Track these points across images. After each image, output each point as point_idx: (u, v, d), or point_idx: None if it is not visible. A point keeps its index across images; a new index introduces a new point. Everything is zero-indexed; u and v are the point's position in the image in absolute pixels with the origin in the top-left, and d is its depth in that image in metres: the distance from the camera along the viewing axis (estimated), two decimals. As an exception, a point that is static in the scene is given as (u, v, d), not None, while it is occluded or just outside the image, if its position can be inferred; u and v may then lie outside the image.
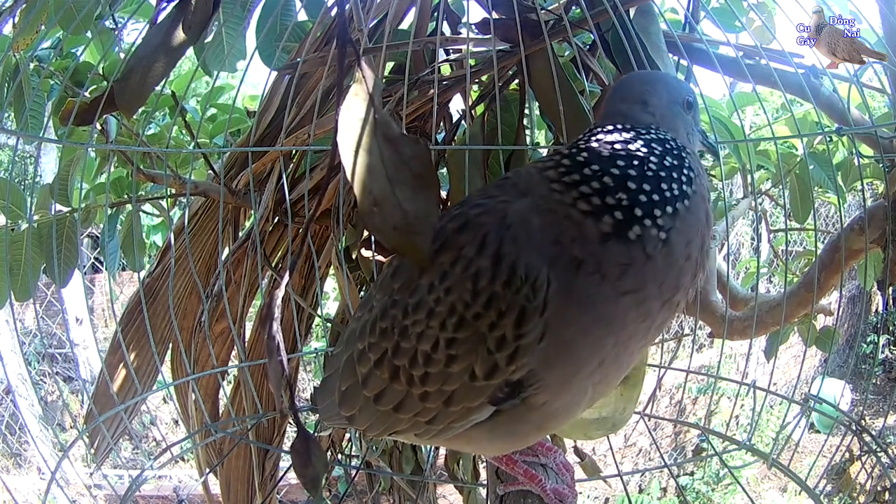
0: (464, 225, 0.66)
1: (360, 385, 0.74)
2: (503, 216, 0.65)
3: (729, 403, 4.74)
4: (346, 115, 0.55)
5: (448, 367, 0.65)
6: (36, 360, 4.86)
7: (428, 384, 0.67)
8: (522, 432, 0.71)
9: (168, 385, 1.45)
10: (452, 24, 1.41)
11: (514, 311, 0.61)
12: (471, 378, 0.65)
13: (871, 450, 1.05)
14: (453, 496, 3.39)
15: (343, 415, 0.78)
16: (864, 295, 4.12)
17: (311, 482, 0.55)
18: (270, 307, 0.54)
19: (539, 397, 0.65)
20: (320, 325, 2.35)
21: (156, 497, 3.87)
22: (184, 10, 0.80)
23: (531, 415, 0.67)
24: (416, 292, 0.67)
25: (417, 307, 0.66)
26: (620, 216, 0.63)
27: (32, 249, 1.34)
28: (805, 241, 3.64)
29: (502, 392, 0.65)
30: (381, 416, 0.73)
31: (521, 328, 0.62)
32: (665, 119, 0.74)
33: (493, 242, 0.63)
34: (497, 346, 0.63)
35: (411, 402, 0.70)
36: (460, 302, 0.63)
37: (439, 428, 0.70)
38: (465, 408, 0.67)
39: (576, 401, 0.69)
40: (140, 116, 1.63)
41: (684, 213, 0.65)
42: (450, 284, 0.64)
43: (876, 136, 1.19)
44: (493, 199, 0.68)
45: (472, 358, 0.64)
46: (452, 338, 0.64)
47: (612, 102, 0.76)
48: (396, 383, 0.70)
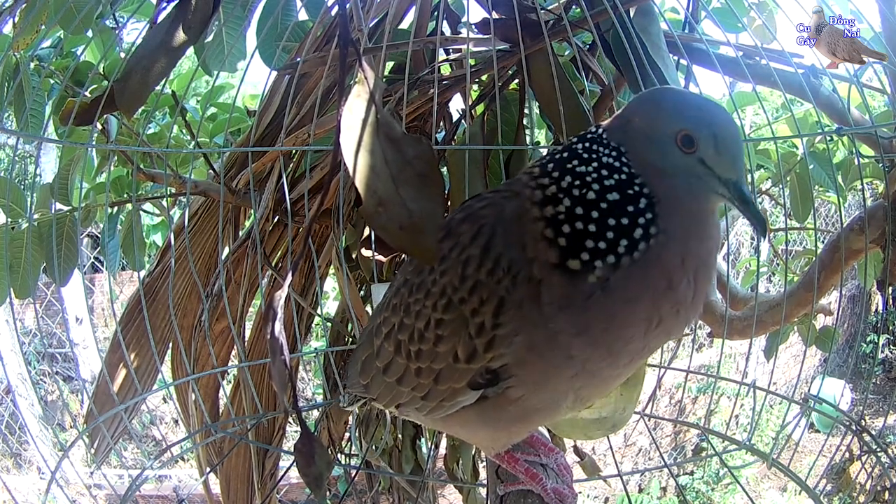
0: (468, 216, 0.69)
1: (375, 355, 0.78)
2: (501, 210, 0.67)
3: (729, 403, 4.74)
4: (348, 115, 0.55)
5: (436, 346, 0.68)
6: (36, 359, 4.85)
7: (420, 360, 0.70)
8: (507, 420, 0.73)
9: (168, 385, 1.45)
10: (452, 23, 1.41)
11: (493, 300, 0.63)
12: (454, 360, 0.67)
13: (871, 450, 1.05)
14: (453, 496, 3.39)
15: (361, 383, 0.82)
16: (864, 295, 4.11)
17: (314, 481, 0.56)
18: (272, 307, 0.54)
19: (515, 391, 0.67)
20: (320, 324, 2.35)
21: (156, 497, 3.87)
22: (184, 10, 0.80)
23: (511, 406, 0.69)
24: (421, 273, 0.71)
25: (419, 287, 0.70)
26: (565, 244, 0.62)
27: (32, 248, 1.34)
28: (805, 241, 3.64)
29: (482, 378, 0.67)
30: (387, 387, 0.77)
31: (498, 317, 0.63)
32: (639, 148, 0.63)
33: (486, 233, 0.66)
34: (476, 331, 0.65)
35: (409, 377, 0.73)
36: (450, 285, 0.66)
37: (432, 405, 0.73)
38: (451, 388, 0.70)
39: (555, 400, 0.70)
40: (140, 116, 1.63)
41: (629, 266, 0.61)
42: (445, 268, 0.67)
43: (876, 135, 1.19)
44: (499, 193, 0.70)
45: (455, 340, 0.67)
46: (440, 318, 0.67)
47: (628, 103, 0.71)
48: (399, 357, 0.73)
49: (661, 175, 0.62)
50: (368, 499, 1.78)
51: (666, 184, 0.62)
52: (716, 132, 0.61)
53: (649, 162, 0.63)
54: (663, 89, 0.94)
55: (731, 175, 0.61)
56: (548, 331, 0.62)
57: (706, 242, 0.65)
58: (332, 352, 1.49)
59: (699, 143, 0.61)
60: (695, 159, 0.62)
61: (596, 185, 0.62)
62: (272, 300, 0.54)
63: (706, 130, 0.61)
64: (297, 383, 1.94)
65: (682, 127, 0.61)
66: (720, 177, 0.62)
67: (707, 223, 0.65)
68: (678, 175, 0.62)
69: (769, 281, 4.84)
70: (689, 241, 0.63)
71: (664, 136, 0.62)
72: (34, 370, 4.87)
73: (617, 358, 0.65)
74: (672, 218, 0.62)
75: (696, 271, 0.63)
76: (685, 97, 0.69)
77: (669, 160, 0.62)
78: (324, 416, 1.58)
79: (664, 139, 0.62)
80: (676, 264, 0.62)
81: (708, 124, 0.62)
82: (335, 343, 1.57)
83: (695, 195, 0.63)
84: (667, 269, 0.62)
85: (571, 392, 0.69)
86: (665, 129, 0.62)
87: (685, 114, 0.63)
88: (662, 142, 0.62)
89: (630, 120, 0.65)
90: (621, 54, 1.09)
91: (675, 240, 0.62)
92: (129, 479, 1.20)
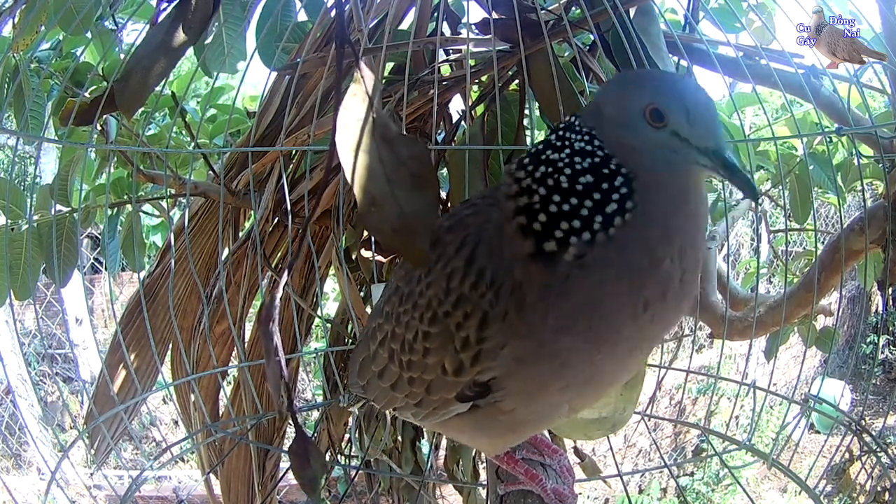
0: (453, 225, 0.68)
1: (371, 359, 0.77)
2: (487, 219, 0.66)
3: (729, 403, 4.74)
4: (345, 115, 0.56)
5: (424, 358, 0.68)
6: (36, 360, 4.85)
7: (412, 370, 0.70)
8: (501, 429, 0.72)
9: (168, 385, 1.45)
10: (452, 24, 1.41)
11: (477, 314, 0.62)
12: (443, 372, 0.66)
13: (871, 450, 1.05)
14: (453, 496, 3.39)
15: (359, 383, 0.82)
16: (864, 295, 4.11)
17: (308, 483, 0.55)
18: (269, 308, 0.53)
19: (505, 404, 0.66)
20: (320, 325, 2.35)
21: (156, 497, 3.87)
22: (184, 10, 0.80)
23: (503, 417, 0.68)
24: (410, 282, 0.70)
25: (408, 297, 0.69)
26: (539, 229, 0.60)
27: (32, 249, 1.34)
28: (805, 242, 3.63)
29: (471, 391, 0.66)
30: (382, 391, 0.77)
31: (482, 332, 0.62)
32: (611, 130, 0.62)
33: (470, 244, 0.64)
34: (462, 346, 0.63)
35: (402, 384, 0.72)
36: (435, 298, 0.65)
37: (426, 412, 0.72)
38: (443, 398, 0.69)
39: (547, 412, 0.69)
40: (140, 117, 1.62)
41: (605, 243, 0.59)
42: (431, 280, 0.66)
43: (876, 136, 1.19)
44: (487, 199, 0.69)
45: (442, 353, 0.66)
46: (427, 331, 0.66)
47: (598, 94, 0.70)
48: (392, 364, 0.73)
49: (636, 153, 0.61)
50: (368, 500, 1.78)
51: (643, 161, 0.60)
52: (686, 103, 0.59)
53: (622, 142, 0.61)
54: (630, 70, 0.94)
55: (708, 143, 0.59)
56: (534, 340, 0.61)
57: (692, 219, 0.62)
58: (331, 352, 1.49)
59: (669, 116, 0.59)
60: (667, 133, 0.59)
61: (568, 169, 0.61)
62: (268, 301, 0.54)
63: (675, 102, 0.59)
64: (298, 384, 1.94)
65: (649, 101, 0.59)
66: (698, 146, 0.59)
67: (691, 198, 0.62)
68: (653, 151, 0.60)
69: (769, 282, 4.84)
70: (671, 216, 0.61)
71: (633, 113, 0.60)
72: (34, 371, 4.87)
73: (611, 349, 0.63)
74: (651, 193, 0.60)
75: (682, 249, 0.61)
76: (650, 73, 0.69)
77: (641, 137, 0.60)
78: (323, 417, 1.58)
79: (633, 117, 0.60)
80: (658, 240, 0.60)
81: (676, 96, 0.60)
82: (335, 344, 1.57)
83: (673, 169, 0.61)
84: (647, 245, 0.60)
85: (564, 403, 0.67)
86: (632, 106, 0.60)
87: (650, 88, 0.62)
88: (633, 119, 0.60)
89: (600, 103, 0.64)
90: (621, 54, 1.09)
91: (655, 215, 0.60)
92: (128, 479, 1.19)
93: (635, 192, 0.60)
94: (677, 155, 0.60)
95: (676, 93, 0.61)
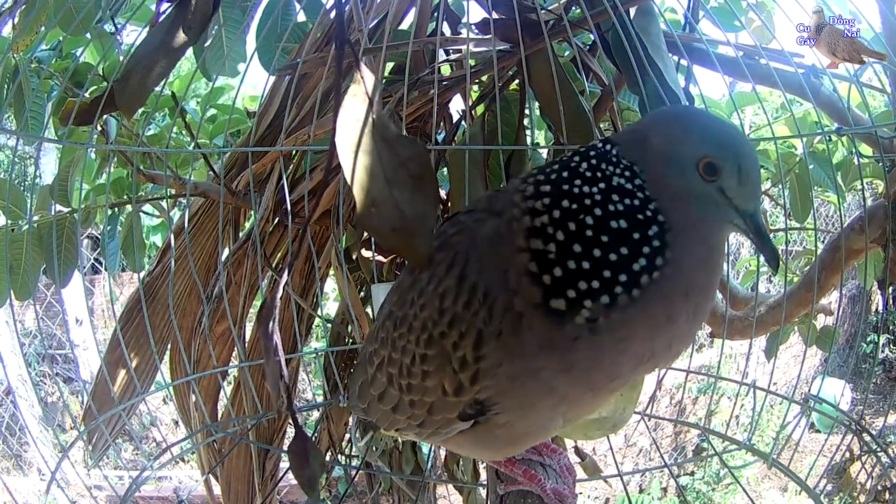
0: (442, 244, 0.66)
1: (370, 383, 0.76)
2: (474, 236, 0.64)
3: (729, 403, 4.74)
4: (345, 115, 0.56)
5: (424, 381, 0.66)
6: (36, 361, 4.86)
7: (412, 393, 0.69)
8: (499, 443, 0.72)
9: (168, 385, 1.45)
10: (452, 24, 1.41)
11: (472, 332, 0.60)
12: (443, 393, 0.65)
13: (871, 449, 1.04)
14: (453, 496, 3.39)
15: (360, 406, 0.81)
16: (864, 294, 4.12)
17: (308, 483, 0.55)
18: (269, 308, 0.53)
19: (501, 418, 0.65)
20: (320, 325, 2.35)
21: (156, 498, 3.87)
22: (184, 10, 0.80)
23: (500, 430, 0.67)
24: (403, 306, 0.68)
25: (402, 321, 0.68)
26: (550, 282, 0.57)
27: (32, 250, 1.34)
28: (805, 241, 3.63)
29: (471, 409, 0.65)
30: (384, 414, 0.76)
31: (479, 350, 0.61)
32: (657, 169, 0.58)
33: (460, 262, 0.63)
34: (460, 366, 0.62)
35: (403, 407, 0.71)
36: (430, 320, 0.64)
37: (429, 431, 0.71)
38: (445, 418, 0.68)
39: (542, 424, 0.69)
40: (140, 117, 1.62)
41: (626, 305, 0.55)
42: (424, 301, 0.65)
43: (876, 135, 1.19)
44: (473, 215, 0.67)
45: (441, 375, 0.64)
46: (424, 354, 0.65)
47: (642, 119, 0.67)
48: (392, 388, 0.72)
49: (678, 200, 0.58)
50: (369, 499, 1.78)
51: (681, 210, 0.58)
52: (740, 163, 0.58)
53: (668, 183, 0.58)
54: (686, 109, 0.89)
55: (749, 207, 0.58)
56: (528, 364, 0.60)
57: (712, 274, 0.60)
58: (332, 352, 1.49)
59: (722, 173, 0.58)
60: (714, 188, 0.58)
61: (598, 210, 0.56)
62: (268, 301, 0.54)
63: (731, 160, 0.58)
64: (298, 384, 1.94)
65: (707, 154, 0.58)
66: (738, 207, 0.58)
67: (717, 254, 0.61)
68: (695, 202, 0.58)
69: (769, 281, 4.84)
70: (696, 272, 0.58)
71: (686, 160, 0.58)
72: (34, 371, 4.87)
73: (599, 393, 0.63)
74: (684, 248, 0.57)
75: (698, 304, 0.59)
76: (710, 121, 0.65)
77: (688, 186, 0.58)
78: (323, 417, 1.58)
79: (685, 163, 0.58)
80: (680, 298, 0.58)
81: (734, 154, 0.58)
82: (335, 344, 1.57)
83: (710, 224, 0.59)
84: (670, 303, 0.57)
85: (558, 416, 0.67)
86: (688, 153, 0.58)
87: (711, 140, 0.59)
88: (683, 166, 0.58)
89: (648, 137, 0.60)
90: (621, 54, 1.09)
91: (684, 271, 0.57)
92: (129, 480, 1.19)
93: (668, 246, 0.56)
94: (717, 210, 0.59)
95: (733, 151, 0.59)
